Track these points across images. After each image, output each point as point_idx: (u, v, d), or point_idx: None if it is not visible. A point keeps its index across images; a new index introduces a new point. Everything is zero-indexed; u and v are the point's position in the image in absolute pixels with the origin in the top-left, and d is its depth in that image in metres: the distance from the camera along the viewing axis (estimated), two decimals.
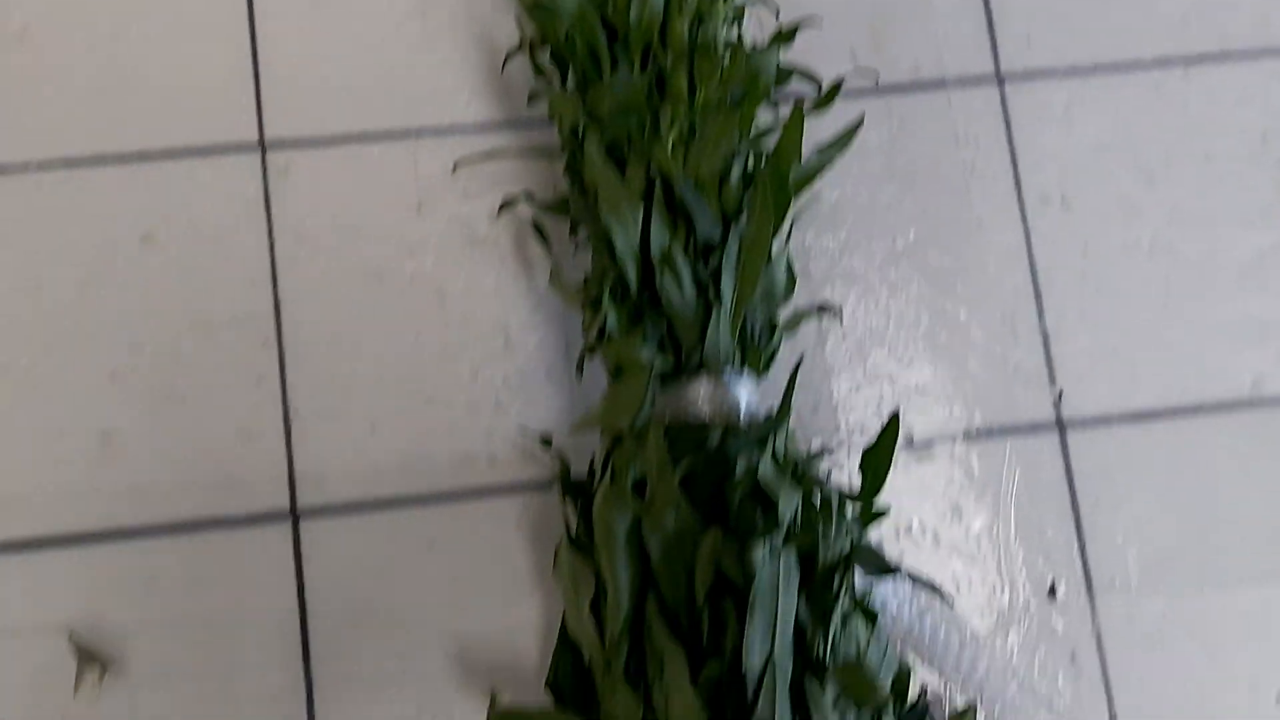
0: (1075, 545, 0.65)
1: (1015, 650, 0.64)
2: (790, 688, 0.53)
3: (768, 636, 0.52)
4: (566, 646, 0.59)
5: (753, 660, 0.52)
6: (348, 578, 0.62)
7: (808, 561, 0.54)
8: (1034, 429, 0.66)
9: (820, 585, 0.54)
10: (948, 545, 0.64)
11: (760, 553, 0.52)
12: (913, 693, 0.60)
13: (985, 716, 0.62)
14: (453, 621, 0.61)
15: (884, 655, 0.55)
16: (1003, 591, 0.64)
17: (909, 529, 0.64)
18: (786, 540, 0.53)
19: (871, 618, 0.56)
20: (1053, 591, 0.65)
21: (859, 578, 0.58)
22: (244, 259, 0.64)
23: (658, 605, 0.53)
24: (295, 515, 0.62)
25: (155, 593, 0.61)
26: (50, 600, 0.60)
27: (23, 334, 0.63)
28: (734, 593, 0.53)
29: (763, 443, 0.54)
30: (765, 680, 0.52)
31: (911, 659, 0.62)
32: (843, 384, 0.66)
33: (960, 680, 0.63)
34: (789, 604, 0.53)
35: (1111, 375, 0.67)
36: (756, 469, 0.53)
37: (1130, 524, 0.66)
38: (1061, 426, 0.66)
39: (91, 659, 0.59)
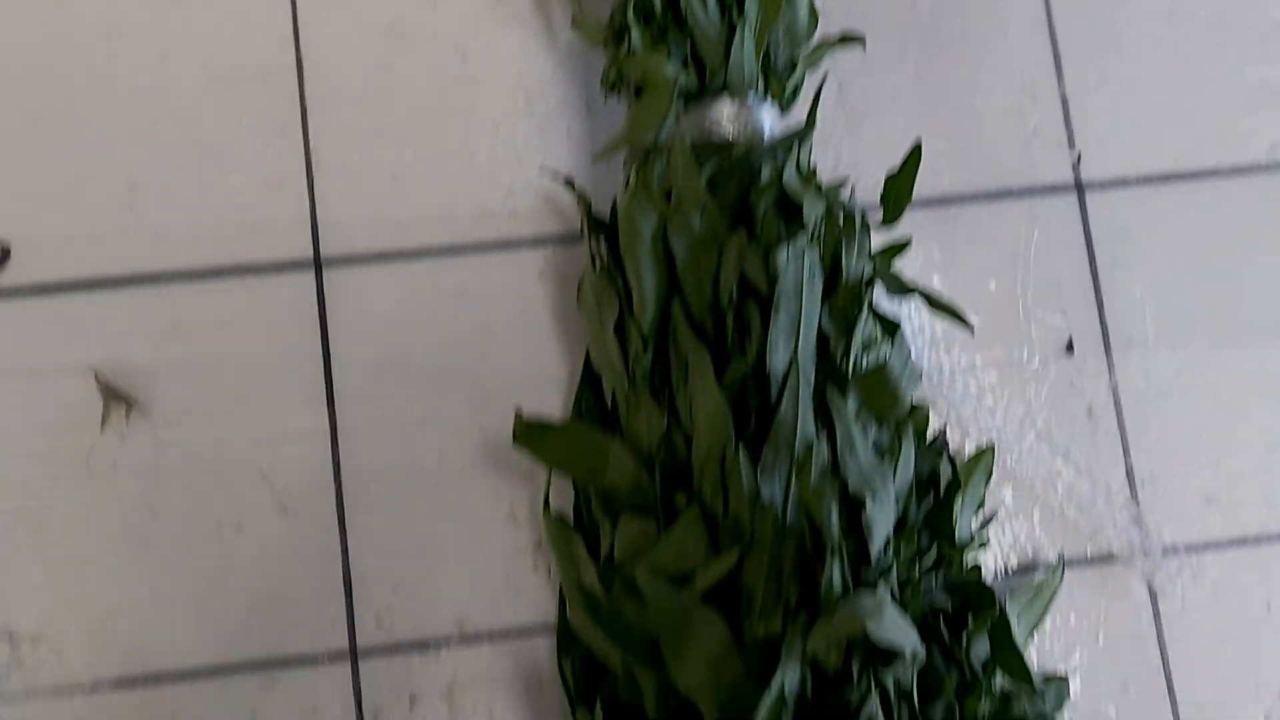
0: (1093, 303, 0.66)
1: (1032, 403, 0.64)
2: (813, 398, 0.54)
3: (791, 337, 0.53)
4: (589, 382, 0.59)
5: (777, 361, 0.52)
6: (371, 326, 0.62)
7: (831, 274, 0.55)
8: (1053, 190, 0.66)
9: (843, 298, 0.55)
10: (966, 302, 0.64)
11: (785, 254, 0.53)
12: (931, 431, 0.61)
13: (1002, 463, 0.63)
14: (476, 370, 0.62)
15: (905, 366, 0.55)
16: (1021, 347, 0.65)
17: (930, 285, 0.64)
18: (811, 244, 0.53)
19: (892, 330, 0.56)
20: (1070, 348, 0.65)
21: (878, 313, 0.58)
22: (266, 13, 0.64)
23: (683, 311, 0.53)
24: (318, 264, 0.62)
25: (179, 337, 0.61)
26: (76, 343, 0.61)
27: (51, 85, 0.63)
28: (758, 299, 0.53)
29: (788, 151, 0.54)
30: (789, 381, 0.52)
31: (930, 402, 0.62)
32: (860, 142, 0.65)
33: (978, 428, 0.63)
34: (813, 306, 0.53)
35: (1130, 138, 0.67)
36: (781, 177, 0.53)
37: (1148, 283, 0.66)
38: (1080, 188, 0.67)
39: (117, 398, 0.60)
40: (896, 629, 0.48)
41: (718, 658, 0.50)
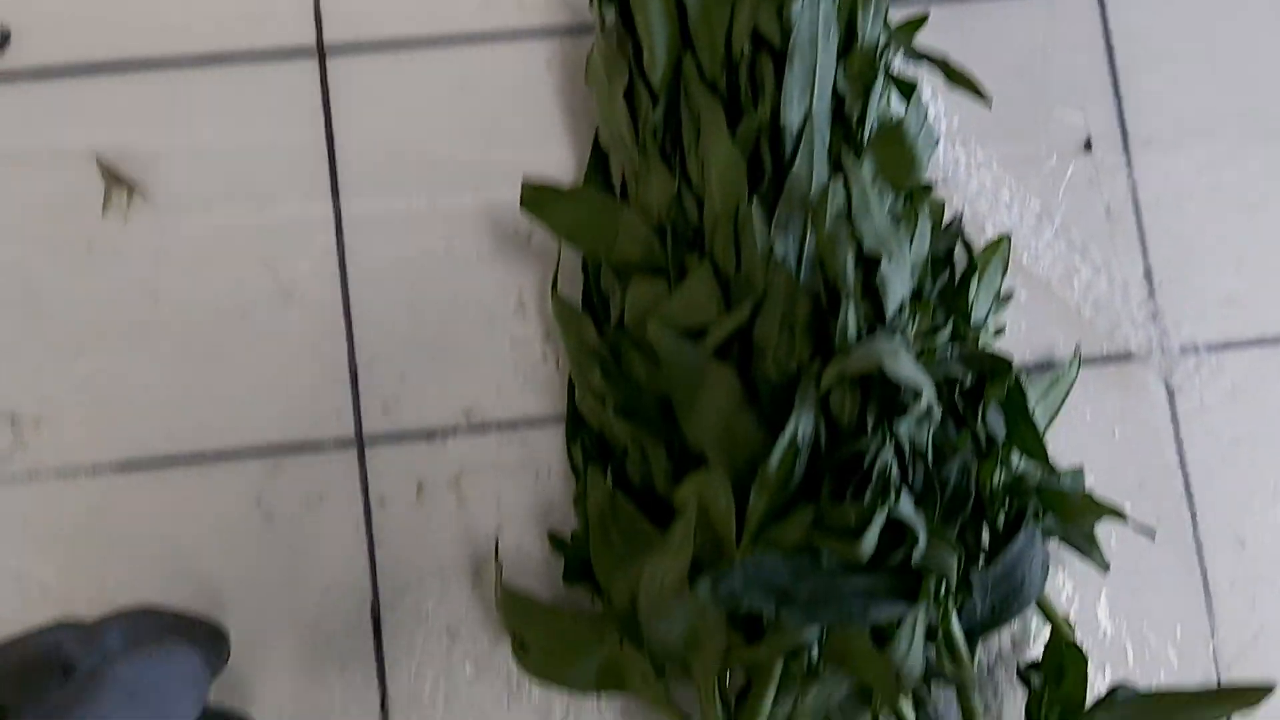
0: (1112, 101, 0.64)
1: (1049, 200, 0.63)
2: (828, 160, 0.53)
3: (806, 92, 0.52)
4: (598, 161, 0.58)
5: (791, 115, 0.51)
6: (375, 114, 0.61)
7: (848, 34, 0.53)
8: None
9: (859, 60, 0.53)
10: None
11: (799, 8, 0.51)
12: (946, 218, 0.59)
13: (1018, 260, 0.62)
14: (482, 159, 0.61)
15: (922, 130, 0.54)
16: (1038, 144, 0.63)
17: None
18: None
19: (909, 93, 0.55)
20: (1089, 145, 0.64)
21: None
22: None
23: (695, 66, 0.52)
24: (321, 51, 0.61)
25: (181, 124, 0.60)
26: (77, 127, 0.60)
27: None
28: (772, 54, 0.52)
29: None
30: (804, 136, 0.51)
31: (946, 197, 0.61)
32: None
33: (994, 223, 0.62)
34: (828, 61, 0.52)
35: None
36: None
37: (1168, 81, 0.65)
38: None
39: (119, 181, 0.59)
40: (912, 371, 0.47)
41: (730, 411, 0.49)
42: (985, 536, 0.51)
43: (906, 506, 0.46)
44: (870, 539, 0.44)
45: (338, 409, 0.58)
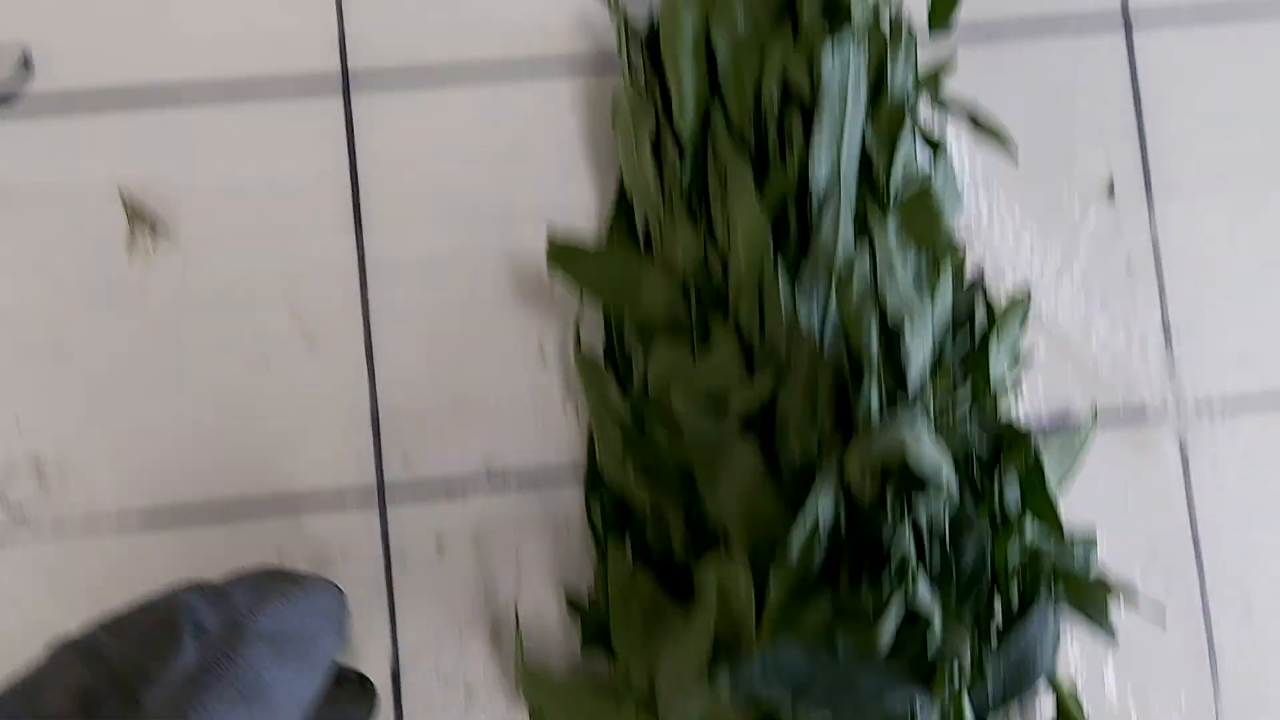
0: (1136, 146, 0.64)
1: (1069, 248, 0.63)
2: (854, 219, 0.53)
3: (834, 146, 0.51)
4: (622, 211, 0.58)
5: (819, 172, 0.51)
6: (399, 153, 0.61)
7: (876, 84, 0.53)
8: (1100, 20, 0.64)
9: (887, 112, 0.53)
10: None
11: (830, 56, 0.51)
12: (969, 274, 0.59)
13: (1037, 310, 0.62)
14: (506, 200, 0.60)
15: (947, 184, 0.54)
16: (1061, 191, 0.63)
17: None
18: (857, 48, 0.51)
19: (935, 148, 0.54)
20: (1112, 193, 0.63)
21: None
22: None
23: (723, 118, 0.52)
24: (346, 84, 0.60)
25: (204, 160, 0.60)
26: (98, 161, 0.59)
27: None
28: (801, 108, 0.52)
29: None
30: (830, 197, 0.51)
31: (968, 243, 0.61)
32: None
33: (1015, 273, 0.62)
34: (857, 113, 0.51)
35: None
36: None
37: (1193, 127, 0.64)
38: (1128, 20, 0.64)
39: (142, 219, 0.59)
40: (933, 454, 0.47)
41: (752, 486, 0.50)
42: (998, 608, 0.51)
43: (924, 591, 0.47)
44: (888, 629, 0.45)
45: (359, 457, 0.59)
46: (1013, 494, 0.52)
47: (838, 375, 0.51)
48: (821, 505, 0.48)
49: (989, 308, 0.58)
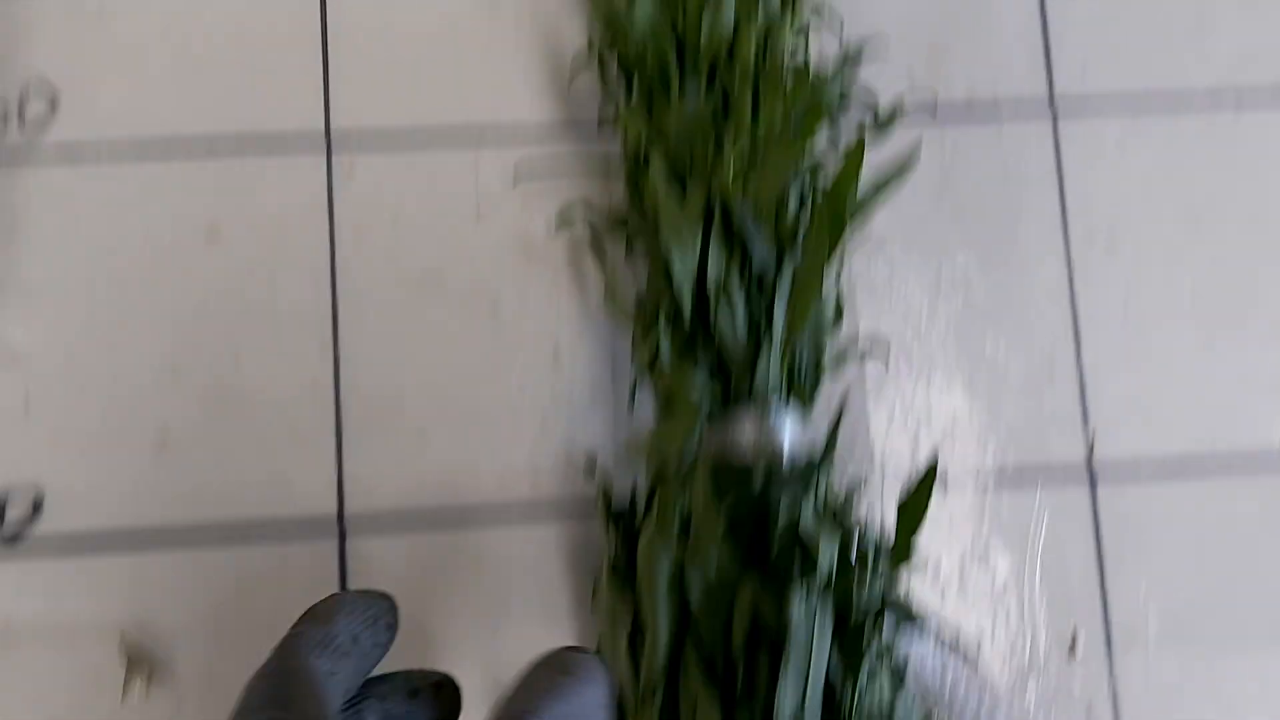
0: (1099, 599, 0.64)
1: (1033, 705, 0.62)
2: None
3: (799, 688, 0.51)
4: None
5: (784, 714, 0.50)
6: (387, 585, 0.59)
7: (841, 612, 0.53)
8: (1065, 473, 0.65)
9: (852, 636, 0.53)
10: (973, 590, 0.62)
11: (797, 605, 0.50)
12: None
13: None
14: (488, 644, 0.60)
15: (909, 712, 0.53)
16: (1024, 643, 0.63)
17: (936, 571, 0.62)
18: (823, 591, 0.51)
19: (898, 675, 0.54)
20: (1074, 646, 0.63)
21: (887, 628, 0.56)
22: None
23: (695, 650, 0.51)
24: (342, 528, 0.59)
25: (203, 597, 0.59)
26: (100, 601, 0.59)
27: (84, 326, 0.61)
28: (770, 640, 0.51)
29: (805, 486, 0.52)
30: None
31: (931, 713, 0.60)
32: (879, 416, 0.63)
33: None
34: (821, 657, 0.51)
35: (1145, 423, 0.66)
36: (798, 515, 0.51)
37: (1154, 580, 0.64)
38: (1092, 474, 0.65)
39: (140, 662, 0.57)
40: None
41: None
42: None
43: None
44: None
45: None
46: None
47: None
48: None
49: None
